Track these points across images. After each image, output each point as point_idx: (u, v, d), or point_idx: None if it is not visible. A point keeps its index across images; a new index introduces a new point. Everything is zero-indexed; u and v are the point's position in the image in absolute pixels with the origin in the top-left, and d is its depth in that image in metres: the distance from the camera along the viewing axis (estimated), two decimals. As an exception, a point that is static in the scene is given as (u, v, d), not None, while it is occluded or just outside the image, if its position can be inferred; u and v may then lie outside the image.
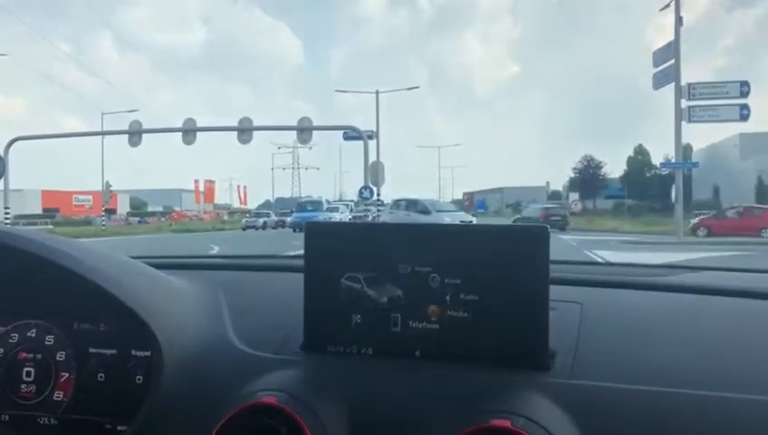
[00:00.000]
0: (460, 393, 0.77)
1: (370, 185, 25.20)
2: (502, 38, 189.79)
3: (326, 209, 37.87)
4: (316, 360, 0.86)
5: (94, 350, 0.91)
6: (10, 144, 23.90)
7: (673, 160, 24.94)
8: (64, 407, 0.89)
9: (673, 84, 22.68)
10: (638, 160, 68.68)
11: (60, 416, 0.89)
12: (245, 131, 25.56)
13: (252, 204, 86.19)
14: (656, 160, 61.47)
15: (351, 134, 28.18)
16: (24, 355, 0.92)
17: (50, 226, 42.14)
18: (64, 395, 0.90)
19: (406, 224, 0.87)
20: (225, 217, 68.76)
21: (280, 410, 0.73)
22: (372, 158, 25.93)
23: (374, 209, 27.02)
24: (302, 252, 0.89)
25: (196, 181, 74.73)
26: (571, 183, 68.90)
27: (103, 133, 34.75)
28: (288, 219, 40.82)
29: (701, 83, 23.09)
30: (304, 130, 26.00)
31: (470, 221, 23.96)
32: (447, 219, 22.90)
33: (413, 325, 0.83)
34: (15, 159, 24.23)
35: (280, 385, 0.79)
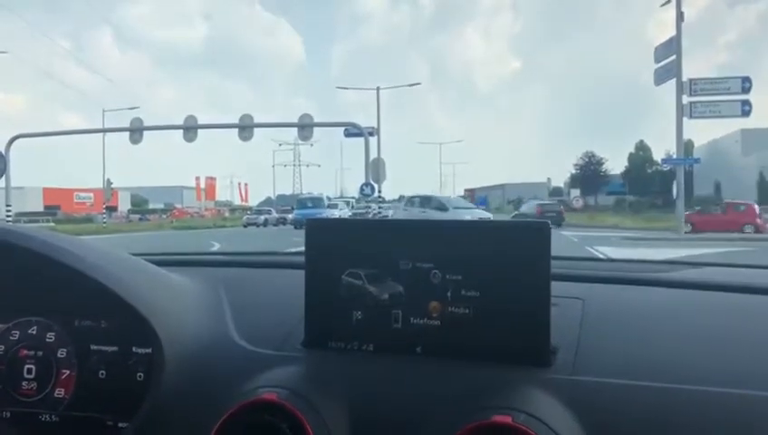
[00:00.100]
0: (461, 389, 0.77)
1: (372, 182, 25.20)
2: (503, 33, 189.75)
3: (327, 206, 37.71)
4: (317, 356, 0.86)
5: (95, 347, 0.91)
6: (11, 142, 23.93)
7: (674, 156, 24.96)
8: (66, 404, 0.89)
9: (674, 80, 22.64)
10: (640, 156, 68.66)
11: (61, 413, 0.89)
12: (246, 128, 25.57)
13: (253, 201, 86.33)
14: (657, 156, 61.47)
15: (352, 131, 28.17)
16: (26, 352, 0.92)
17: (51, 223, 42.20)
18: (65, 392, 0.90)
19: (407, 220, 0.86)
20: (226, 215, 68.81)
21: (281, 406, 0.73)
22: (373, 154, 25.93)
23: (375, 206, 27.01)
24: (303, 249, 0.89)
25: (197, 178, 74.92)
26: (573, 179, 68.89)
27: (104, 130, 34.74)
28: (289, 216, 40.83)
29: (702, 79, 23.07)
30: (305, 127, 26.02)
31: (488, 218, 22.89)
32: (467, 216, 21.75)
33: (414, 322, 0.83)
34: (16, 157, 24.20)
35: (281, 382, 0.79)
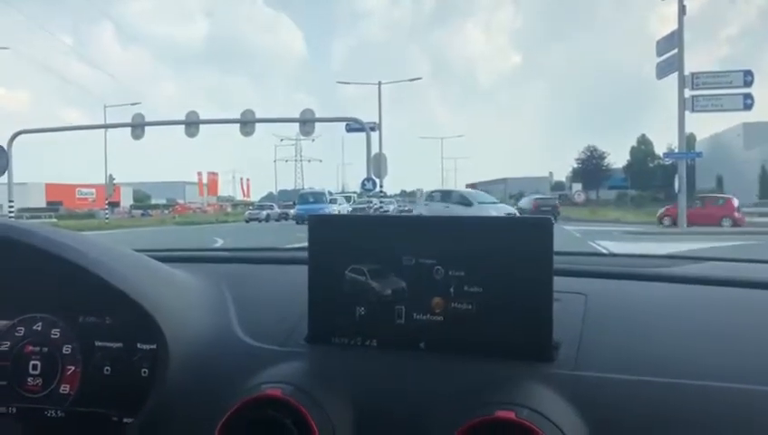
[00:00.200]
0: (464, 385, 0.77)
1: (373, 177, 25.17)
2: (504, 28, 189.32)
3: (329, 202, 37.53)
4: (321, 352, 0.86)
5: (100, 343, 0.91)
6: (13, 138, 23.91)
7: (676, 150, 24.94)
8: (71, 400, 0.90)
9: (676, 74, 22.59)
10: (642, 150, 68.51)
11: (66, 409, 0.89)
12: (248, 124, 25.55)
13: (255, 196, 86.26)
14: (659, 150, 61.30)
15: (354, 126, 28.15)
16: (31, 349, 0.92)
17: (54, 219, 42.19)
18: (71, 388, 0.90)
19: (410, 216, 0.87)
20: (228, 210, 68.80)
21: (285, 402, 0.73)
22: (375, 149, 25.88)
23: (376, 201, 26.96)
24: (306, 244, 0.89)
25: (199, 174, 74.94)
26: (575, 173, 68.80)
27: (106, 126, 34.68)
28: (291, 211, 40.78)
29: (704, 73, 23.00)
30: (307, 123, 25.98)
31: (514, 213, 21.77)
32: (493, 212, 20.84)
33: (417, 317, 0.83)
34: (19, 153, 24.22)
35: (285, 377, 0.79)
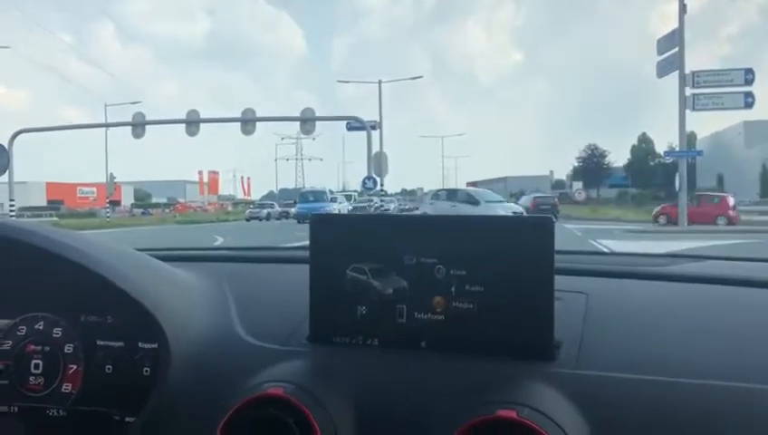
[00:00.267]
0: (466, 384, 0.77)
1: (374, 175, 25.16)
2: (504, 26, 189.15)
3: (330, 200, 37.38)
4: (322, 351, 0.86)
5: (102, 342, 0.91)
6: (14, 137, 23.90)
7: (677, 149, 24.93)
8: (73, 399, 0.90)
9: (677, 72, 22.57)
10: (642, 149, 68.51)
11: (68, 408, 0.90)
12: (249, 122, 25.54)
13: (255, 195, 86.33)
14: (660, 149, 61.40)
15: (354, 124, 28.12)
16: (33, 348, 0.92)
17: (54, 218, 42.23)
18: (73, 387, 0.90)
19: (411, 215, 0.87)
20: (229, 209, 68.81)
21: (287, 401, 0.73)
22: (375, 148, 25.88)
23: (376, 200, 26.93)
24: (306, 243, 0.89)
25: (200, 172, 75.07)
26: (575, 172, 68.82)
27: (107, 125, 34.68)
28: (292, 210, 40.77)
29: (705, 71, 23.00)
30: (307, 121, 25.97)
31: (521, 212, 21.58)
32: (500, 211, 20.81)
33: (418, 316, 0.83)
34: (19, 152, 24.24)
35: (287, 377, 0.79)
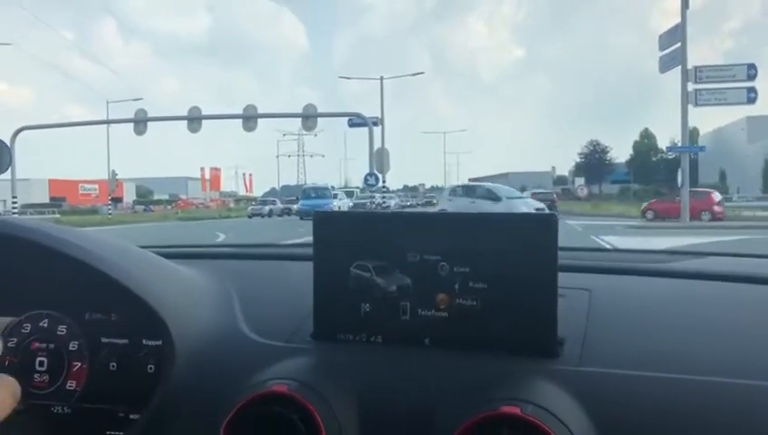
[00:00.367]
0: (469, 381, 0.77)
1: (376, 172, 25.14)
2: (506, 22, 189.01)
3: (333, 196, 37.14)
4: (326, 348, 0.86)
5: (106, 340, 0.91)
6: (16, 133, 23.95)
7: (679, 144, 24.90)
8: (77, 396, 0.90)
9: (679, 67, 22.53)
10: (645, 144, 68.41)
11: (73, 405, 0.90)
12: (251, 119, 25.55)
13: (257, 191, 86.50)
14: (662, 144, 61.35)
15: (356, 121, 28.12)
16: (37, 345, 0.92)
17: (57, 215, 42.30)
18: (77, 384, 0.90)
19: (414, 212, 0.87)
20: (231, 205, 68.94)
21: (291, 398, 0.73)
22: (377, 144, 25.87)
23: (378, 196, 26.90)
24: (308, 239, 0.90)
25: (202, 169, 75.23)
26: (577, 168, 68.80)
27: (109, 122, 34.73)
28: (294, 207, 40.75)
29: (708, 66, 22.97)
30: (309, 118, 25.97)
31: (543, 209, 21.10)
32: (523, 208, 20.20)
33: (422, 313, 0.83)
34: (22, 149, 24.29)
35: (291, 374, 0.79)
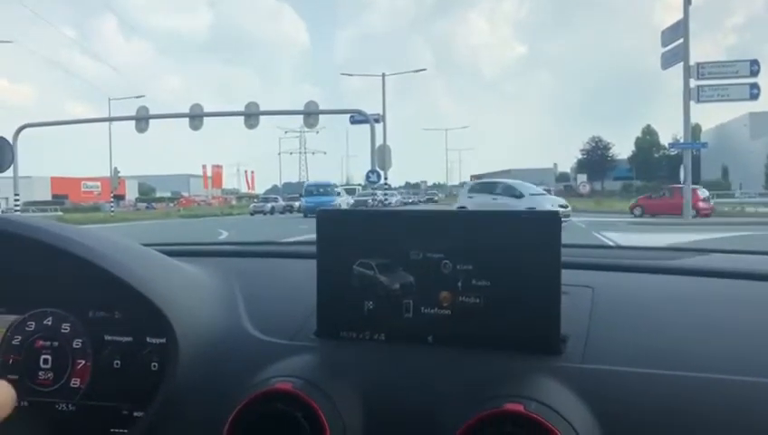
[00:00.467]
0: (472, 378, 0.77)
1: (377, 169, 25.15)
2: (508, 18, 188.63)
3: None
4: (330, 346, 0.86)
5: (110, 337, 0.91)
6: (18, 131, 24.00)
7: (682, 141, 24.85)
8: (81, 393, 0.90)
9: (682, 64, 22.48)
10: (647, 141, 68.35)
11: (77, 402, 0.90)
12: (252, 116, 25.56)
13: (259, 189, 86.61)
14: (664, 141, 61.29)
15: (358, 118, 28.11)
16: (41, 343, 0.93)
17: (59, 212, 42.33)
18: (81, 382, 0.91)
19: (417, 210, 0.87)
20: (233, 203, 69.00)
21: (295, 395, 0.73)
22: (379, 141, 25.89)
23: (380, 193, 26.88)
24: (312, 237, 0.90)
25: (204, 167, 75.29)
26: (579, 164, 68.67)
27: (110, 119, 34.77)
28: (296, 204, 40.73)
29: (710, 63, 22.92)
30: (311, 115, 26.00)
31: (566, 206, 20.58)
32: (547, 204, 19.76)
33: (425, 311, 0.83)
34: (24, 147, 24.36)
35: (295, 371, 0.79)
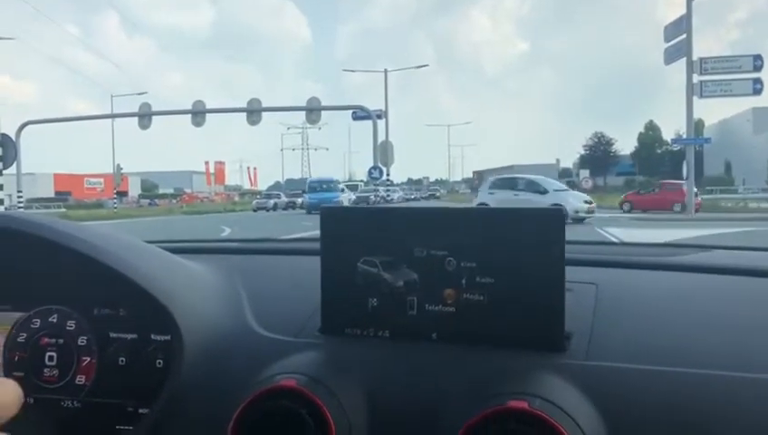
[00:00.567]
0: (476, 375, 0.77)
1: (380, 165, 25.14)
2: (510, 15, 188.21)
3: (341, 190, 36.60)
4: (334, 343, 0.86)
5: (114, 334, 0.92)
6: (21, 128, 24.04)
7: (684, 136, 24.82)
8: (87, 390, 0.91)
9: (684, 59, 22.41)
10: (649, 136, 68.26)
11: (82, 399, 0.90)
12: (255, 112, 25.56)
13: (262, 185, 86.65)
14: (667, 136, 61.24)
15: (360, 114, 28.10)
16: (47, 340, 0.93)
17: (63, 209, 42.44)
18: (86, 379, 0.91)
19: (421, 208, 0.87)
20: (235, 199, 68.99)
21: (300, 392, 0.74)
22: (381, 137, 25.87)
23: (382, 190, 26.85)
24: (315, 233, 0.90)
25: (206, 163, 75.21)
26: (582, 160, 68.50)
27: (113, 116, 34.83)
28: (299, 200, 40.68)
29: (713, 58, 22.86)
30: (313, 111, 25.97)
31: (591, 202, 20.25)
32: (572, 200, 19.28)
33: (429, 308, 0.83)
34: (27, 143, 24.37)
35: (299, 368, 0.79)
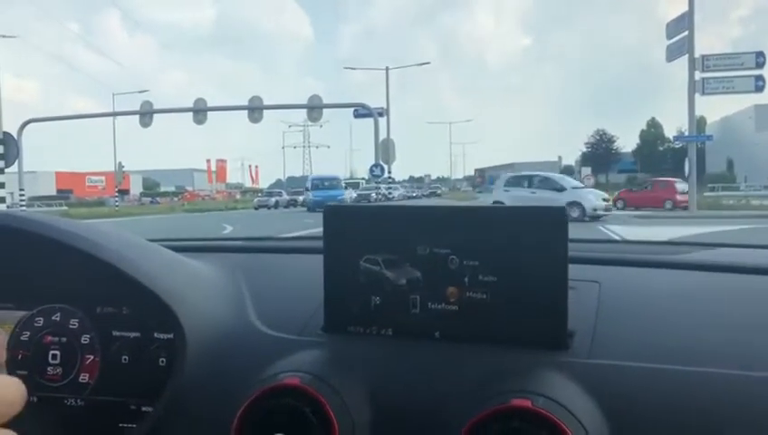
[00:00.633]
0: (479, 374, 0.77)
1: (381, 163, 25.13)
2: (513, 11, 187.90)
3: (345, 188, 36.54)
4: (337, 341, 0.87)
5: (118, 333, 0.92)
6: (23, 126, 24.04)
7: (686, 133, 24.82)
8: (90, 389, 0.91)
9: (687, 56, 22.38)
10: (651, 134, 68.21)
11: (86, 397, 0.91)
12: (256, 110, 25.56)
13: (263, 183, 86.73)
14: (669, 133, 61.18)
15: (362, 111, 28.06)
16: (50, 339, 0.93)
17: (64, 207, 42.51)
18: (90, 377, 0.91)
19: (424, 206, 0.87)
20: (237, 197, 69.07)
21: (303, 390, 0.74)
22: (383, 135, 25.86)
23: (383, 187, 26.82)
24: (317, 231, 0.90)
25: (208, 161, 75.46)
26: (584, 157, 68.50)
27: (115, 114, 34.90)
28: (300, 198, 40.63)
29: (715, 55, 22.84)
30: (314, 109, 25.98)
31: (608, 199, 20.22)
32: (591, 197, 19.08)
33: (432, 307, 0.83)
34: (29, 142, 24.38)
35: (302, 366, 0.79)
